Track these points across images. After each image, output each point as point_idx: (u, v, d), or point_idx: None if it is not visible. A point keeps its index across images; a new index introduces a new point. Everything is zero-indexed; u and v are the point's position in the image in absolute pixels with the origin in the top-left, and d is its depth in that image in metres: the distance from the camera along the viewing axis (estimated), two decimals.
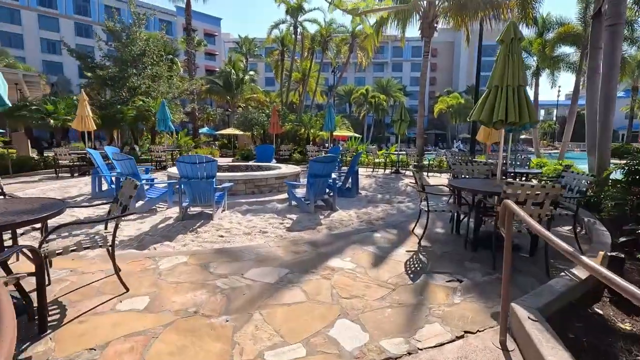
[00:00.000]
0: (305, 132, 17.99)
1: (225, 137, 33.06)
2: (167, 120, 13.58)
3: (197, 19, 63.90)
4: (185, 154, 15.72)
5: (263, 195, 7.58)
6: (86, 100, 11.42)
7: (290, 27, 21.91)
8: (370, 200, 7.79)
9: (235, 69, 35.20)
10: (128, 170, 6.12)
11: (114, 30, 16.25)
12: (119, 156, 6.16)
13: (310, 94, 28.81)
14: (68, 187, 9.01)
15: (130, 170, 6.09)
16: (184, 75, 21.91)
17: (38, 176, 11.31)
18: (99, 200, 7.23)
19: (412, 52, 76.14)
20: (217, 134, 33.45)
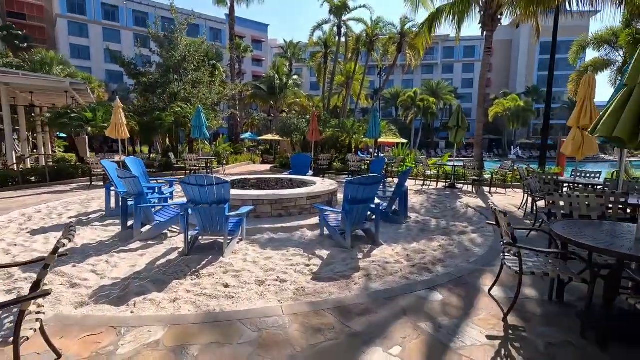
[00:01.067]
0: (347, 139, 16.67)
1: (268, 143, 32.78)
2: (203, 127, 13.01)
3: (245, 26, 65.57)
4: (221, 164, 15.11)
5: (292, 218, 6.38)
6: (120, 107, 11.09)
7: (334, 27, 20.81)
8: (422, 228, 6.27)
9: (279, 73, 34.84)
10: (134, 190, 5.26)
11: (157, 36, 16.21)
12: (123, 173, 5.31)
13: (354, 97, 27.43)
14: (92, 200, 8.52)
15: (135, 189, 5.22)
16: (227, 81, 21.64)
17: (74, 184, 11.17)
18: (111, 219, 6.51)
19: (464, 53, 71.87)
20: (260, 140, 33.24)
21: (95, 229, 5.87)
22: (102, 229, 5.84)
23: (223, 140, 20.09)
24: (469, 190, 11.06)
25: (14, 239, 5.26)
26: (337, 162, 16.13)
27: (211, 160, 13.64)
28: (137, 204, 5.16)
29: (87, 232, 5.65)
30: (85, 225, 6.11)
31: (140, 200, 5.23)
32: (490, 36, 13.54)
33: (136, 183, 5.19)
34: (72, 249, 4.82)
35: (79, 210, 7.38)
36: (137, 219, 5.20)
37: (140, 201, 5.22)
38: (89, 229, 5.85)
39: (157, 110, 15.22)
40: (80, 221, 6.42)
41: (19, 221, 6.32)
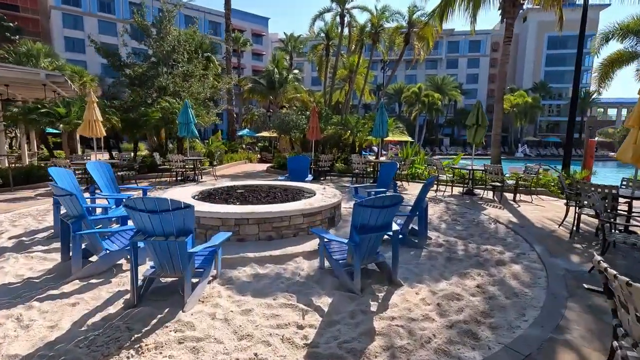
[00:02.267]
0: (350, 137, 15.32)
1: (267, 140, 31.43)
2: (191, 124, 11.68)
3: (245, 19, 63.90)
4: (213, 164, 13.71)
5: (284, 242, 5.09)
6: (95, 102, 9.78)
7: (337, 16, 19.31)
8: (449, 256, 4.96)
9: (279, 67, 33.43)
10: (72, 211, 3.97)
11: (142, 25, 14.83)
12: (56, 190, 4.01)
13: (357, 92, 26.01)
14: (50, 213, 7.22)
15: (74, 210, 3.93)
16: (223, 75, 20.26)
17: (42, 189, 9.88)
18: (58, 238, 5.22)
19: (470, 47, 70.16)
20: (258, 137, 31.90)
21: (31, 257, 4.58)
22: (39, 258, 4.55)
23: (218, 137, 18.75)
24: (489, 197, 9.74)
25: None
26: (340, 162, 14.80)
27: (200, 160, 12.32)
28: (75, 230, 3.87)
29: (18, 263, 4.37)
30: (21, 250, 4.83)
31: (78, 224, 3.93)
32: (511, 24, 12.14)
33: (74, 202, 3.88)
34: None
35: (28, 226, 6.09)
36: (75, 250, 3.91)
37: (78, 226, 3.93)
38: (23, 257, 4.56)
39: (144, 105, 13.89)
40: (20, 244, 5.15)
41: None
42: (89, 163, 6.47)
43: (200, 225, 5.11)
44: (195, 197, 6.32)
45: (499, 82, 12.57)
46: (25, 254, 4.68)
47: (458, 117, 61.02)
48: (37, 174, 10.39)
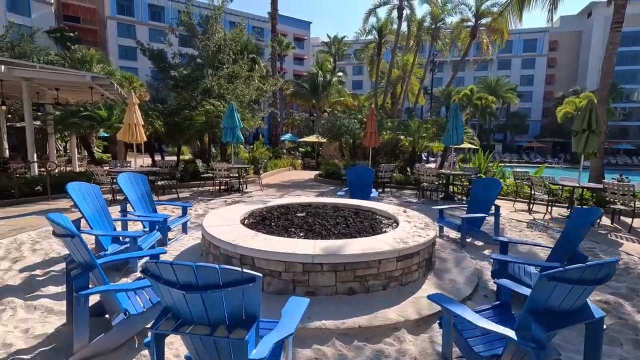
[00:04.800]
0: (409, 144, 13.53)
1: (309, 145, 30.26)
2: (236, 129, 10.55)
3: (287, 24, 63.74)
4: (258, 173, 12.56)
5: (373, 298, 3.54)
6: (136, 105, 8.89)
7: (393, 10, 17.55)
8: (637, 339, 3.14)
9: (323, 70, 32.25)
10: (77, 258, 2.69)
11: (189, 24, 14.10)
12: (57, 229, 2.71)
13: (410, 95, 24.03)
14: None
15: (80, 257, 2.65)
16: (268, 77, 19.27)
17: None
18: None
19: (525, 47, 65.21)
20: (301, 142, 30.85)
21: (33, 308, 3.38)
22: (43, 311, 3.34)
23: (262, 142, 17.69)
24: (607, 223, 7.57)
25: None
26: (397, 172, 13.05)
27: (246, 169, 11.14)
28: (78, 289, 2.57)
29: (14, 320, 3.17)
30: (28, 293, 3.68)
31: (84, 279, 2.63)
32: (621, 5, 9.83)
33: (78, 246, 2.59)
34: None
35: (49, 251, 5.04)
36: (78, 317, 2.60)
37: (83, 282, 2.62)
38: (24, 309, 3.37)
39: (188, 108, 13.06)
40: (30, 281, 4.03)
41: None
42: (120, 176, 5.36)
43: (254, 269, 3.69)
44: (245, 221, 4.97)
45: (604, 78, 10.24)
46: (29, 301, 3.50)
47: (511, 121, 56.59)
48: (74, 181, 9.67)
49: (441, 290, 3.82)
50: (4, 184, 8.77)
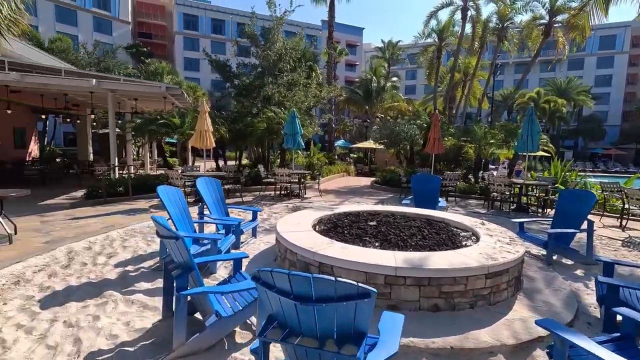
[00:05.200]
0: (474, 151, 12.79)
1: (362, 151, 30.04)
2: (297, 135, 10.75)
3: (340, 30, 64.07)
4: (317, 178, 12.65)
5: (460, 317, 3.31)
6: (207, 112, 9.43)
7: (456, 11, 16.84)
8: None
9: (377, 75, 31.93)
10: (177, 258, 2.83)
11: (252, 35, 14.75)
12: (162, 231, 2.87)
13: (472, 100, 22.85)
14: None
15: (180, 258, 2.78)
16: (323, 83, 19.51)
17: (155, 200, 9.84)
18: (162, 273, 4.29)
19: (601, 44, 59.07)
20: (354, 147, 30.73)
21: (131, 303, 3.64)
22: (139, 306, 3.58)
23: (317, 148, 17.86)
24: None
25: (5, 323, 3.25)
26: (460, 181, 12.38)
27: (305, 174, 11.29)
28: (179, 289, 2.69)
29: (116, 313, 3.43)
30: (124, 288, 3.98)
31: (184, 280, 2.75)
32: None
33: (180, 249, 2.72)
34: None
35: (137, 248, 5.45)
36: (179, 316, 2.73)
37: (184, 282, 2.75)
38: (123, 302, 3.64)
39: (250, 115, 13.61)
40: (124, 276, 4.36)
41: (50, 269, 4.52)
42: (199, 180, 5.64)
43: None
44: (316, 227, 4.97)
45: None
46: (126, 295, 3.78)
47: (584, 126, 51.44)
48: (153, 184, 10.48)
49: (536, 313, 3.47)
50: (94, 185, 9.75)
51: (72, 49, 26.99)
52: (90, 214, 7.81)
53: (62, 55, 23.08)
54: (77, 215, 7.71)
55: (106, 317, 3.33)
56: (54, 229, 6.41)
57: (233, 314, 2.95)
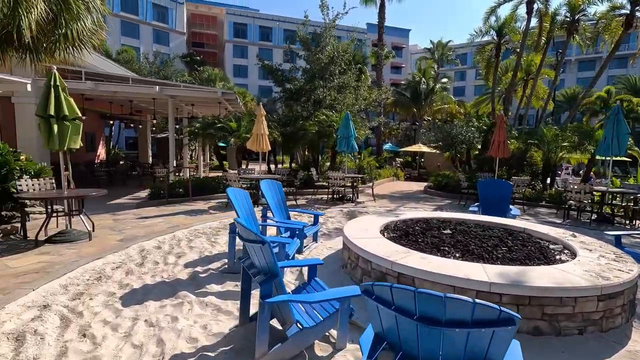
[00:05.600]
0: (542, 155, 11.75)
1: (409, 155, 29.19)
2: (351, 139, 10.55)
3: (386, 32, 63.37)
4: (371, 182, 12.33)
5: (569, 344, 2.88)
6: (263, 116, 9.54)
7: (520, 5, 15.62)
8: None
9: (426, 77, 30.91)
10: (261, 264, 2.72)
11: (304, 38, 14.85)
12: (245, 233, 2.78)
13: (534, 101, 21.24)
14: (222, 231, 6.77)
15: (264, 264, 2.67)
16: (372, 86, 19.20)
17: (213, 201, 10.13)
18: (233, 281, 4.27)
19: None
20: (401, 151, 29.96)
21: (205, 305, 3.62)
22: (213, 309, 3.55)
23: (369, 152, 17.54)
24: None
25: (93, 318, 3.36)
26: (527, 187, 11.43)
27: (358, 179, 11.04)
28: (264, 296, 2.57)
29: (192, 315, 3.41)
30: (196, 289, 3.99)
31: (269, 286, 2.63)
32: None
33: (266, 254, 2.60)
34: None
35: (203, 249, 5.53)
36: (262, 325, 2.60)
37: (269, 288, 2.62)
38: (197, 304, 3.63)
39: (301, 119, 13.67)
40: (195, 277, 4.39)
41: (127, 267, 4.69)
42: (263, 182, 5.62)
43: None
44: (384, 233, 4.70)
45: None
46: (200, 297, 3.77)
47: None
48: (210, 185, 10.83)
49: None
50: (157, 186, 10.25)
51: (135, 60, 29.16)
52: (155, 214, 8.18)
53: (127, 66, 24.95)
54: (144, 214, 8.10)
55: (184, 319, 3.32)
56: (125, 228, 6.74)
57: (315, 325, 2.78)
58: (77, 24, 6.89)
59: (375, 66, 20.89)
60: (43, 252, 5.11)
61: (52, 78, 5.38)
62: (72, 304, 3.57)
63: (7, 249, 5.20)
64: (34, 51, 7.49)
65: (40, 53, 7.49)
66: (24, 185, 5.95)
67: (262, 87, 58.14)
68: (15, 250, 5.13)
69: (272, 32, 59.76)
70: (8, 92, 10.82)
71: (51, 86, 5.36)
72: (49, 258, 4.84)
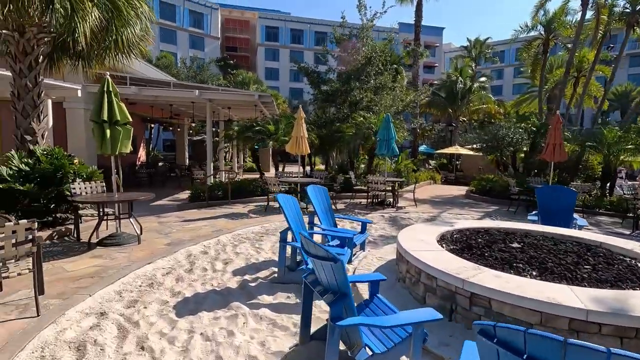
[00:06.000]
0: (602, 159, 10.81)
1: (444, 157, 28.21)
2: (392, 141, 10.18)
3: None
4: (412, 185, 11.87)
5: None
6: (303, 118, 9.40)
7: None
8: None
9: (463, 76, 29.75)
10: (329, 282, 2.50)
11: (341, 39, 14.62)
12: (314, 248, 2.56)
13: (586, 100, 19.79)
14: (266, 236, 6.66)
15: (333, 282, 2.44)
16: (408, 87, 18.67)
17: (251, 204, 10.12)
18: (285, 291, 4.09)
19: None
20: (436, 153, 29.04)
21: (259, 318, 3.45)
22: (268, 323, 3.37)
23: (406, 155, 17.03)
24: None
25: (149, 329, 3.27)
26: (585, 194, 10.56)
27: (399, 182, 10.63)
28: (335, 319, 2.34)
29: (247, 330, 3.25)
30: (248, 300, 3.85)
31: (339, 307, 2.40)
32: None
33: (337, 272, 2.37)
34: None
35: (248, 255, 5.42)
36: (330, 352, 2.37)
37: (339, 309, 2.39)
38: (252, 317, 3.47)
39: (337, 121, 13.44)
40: (244, 286, 4.26)
41: (177, 273, 4.64)
42: (309, 187, 5.44)
43: (489, 314, 3.03)
44: (442, 244, 4.36)
45: None
46: (253, 309, 3.62)
47: None
48: (247, 188, 10.83)
49: None
50: (197, 188, 10.38)
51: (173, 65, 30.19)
52: (197, 217, 8.23)
53: (166, 71, 25.84)
54: (188, 217, 8.17)
55: (240, 333, 3.17)
56: (171, 231, 6.79)
57: (387, 351, 2.52)
58: (127, 31, 7.06)
59: (410, 66, 20.28)
60: (96, 255, 5.19)
61: (106, 84, 5.47)
62: (128, 312, 3.53)
63: (63, 251, 5.33)
64: (85, 58, 7.79)
65: (91, 60, 7.78)
66: (77, 188, 6.11)
67: (293, 89, 58.67)
68: (70, 253, 5.25)
69: (303, 34, 60.14)
70: (60, 98, 11.39)
71: (104, 92, 5.45)
72: (102, 262, 4.90)
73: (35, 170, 6.17)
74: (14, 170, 6.07)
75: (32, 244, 3.25)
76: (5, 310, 3.43)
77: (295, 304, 3.79)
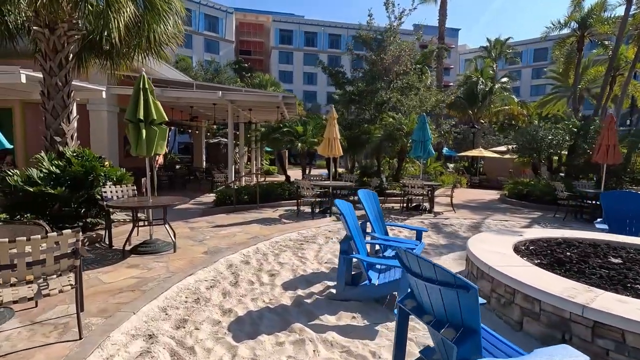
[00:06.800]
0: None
1: (466, 159, 27.41)
2: (428, 142, 9.65)
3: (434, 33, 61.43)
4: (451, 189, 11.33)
5: None
6: (335, 119, 8.94)
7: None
8: None
9: (484, 77, 28.94)
10: (450, 310, 2.01)
11: (367, 38, 14.16)
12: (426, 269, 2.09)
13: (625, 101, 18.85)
14: (306, 244, 6.19)
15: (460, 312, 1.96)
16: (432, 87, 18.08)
17: (280, 209, 9.67)
18: (347, 310, 3.61)
19: None
20: (457, 156, 28.27)
21: (330, 345, 2.97)
22: (341, 351, 2.89)
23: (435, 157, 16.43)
24: None
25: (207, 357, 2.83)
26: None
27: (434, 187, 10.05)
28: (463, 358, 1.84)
29: (321, 358, 2.78)
30: (309, 319, 3.39)
31: (467, 348, 1.90)
32: None
33: (466, 302, 1.88)
34: None
35: (294, 267, 4.96)
36: None
37: (467, 351, 1.89)
38: (321, 343, 2.99)
39: (364, 122, 12.95)
40: (300, 304, 3.79)
41: (221, 286, 4.21)
42: (361, 192, 4.99)
43: (621, 348, 2.49)
44: (525, 258, 3.81)
45: None
46: (318, 333, 3.14)
47: None
48: (275, 192, 10.41)
49: None
50: (223, 192, 10.00)
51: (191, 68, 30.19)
52: (228, 222, 7.83)
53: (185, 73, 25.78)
54: (218, 222, 7.77)
55: None
56: (205, 238, 6.39)
57: None
58: (159, 27, 6.73)
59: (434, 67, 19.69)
60: (132, 264, 4.81)
61: (142, 81, 5.11)
62: (178, 334, 3.09)
63: (97, 260, 4.97)
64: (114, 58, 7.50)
65: (120, 59, 7.47)
66: (109, 192, 5.77)
67: (307, 92, 58.44)
68: (105, 262, 4.88)
69: (316, 37, 59.94)
70: (84, 100, 11.19)
71: (140, 89, 5.09)
72: (140, 273, 4.50)
73: (66, 172, 5.85)
74: (44, 172, 5.76)
75: (75, 257, 2.85)
76: (44, 332, 3.04)
77: (364, 326, 3.32)
